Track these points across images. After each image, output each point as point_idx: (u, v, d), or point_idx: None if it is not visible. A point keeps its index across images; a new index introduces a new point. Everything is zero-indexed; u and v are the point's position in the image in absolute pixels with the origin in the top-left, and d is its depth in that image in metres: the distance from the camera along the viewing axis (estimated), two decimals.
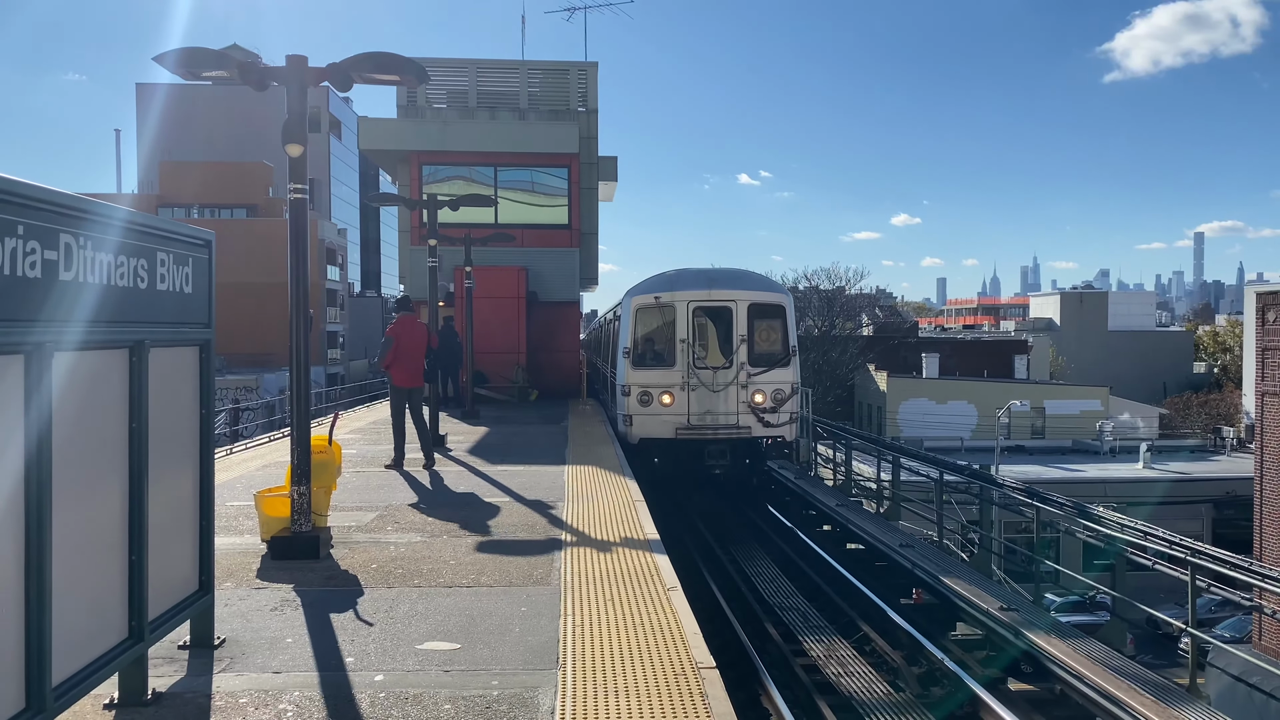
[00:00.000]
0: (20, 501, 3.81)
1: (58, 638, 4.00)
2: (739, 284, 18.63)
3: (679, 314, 17.97)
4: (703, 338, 18.20)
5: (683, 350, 17.89)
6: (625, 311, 18.56)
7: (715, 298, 18.15)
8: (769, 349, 18.26)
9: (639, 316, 18.29)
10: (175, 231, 5.22)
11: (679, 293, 18.12)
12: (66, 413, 4.11)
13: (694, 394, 17.85)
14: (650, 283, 19.00)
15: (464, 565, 8.01)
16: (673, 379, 17.86)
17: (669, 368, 17.93)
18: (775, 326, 18.34)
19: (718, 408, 17.88)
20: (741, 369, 17.93)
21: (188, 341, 5.48)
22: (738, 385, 17.92)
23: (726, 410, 17.92)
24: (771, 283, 19.79)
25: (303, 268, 8.27)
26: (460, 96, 28.77)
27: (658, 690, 5.24)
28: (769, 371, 18.06)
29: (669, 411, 17.85)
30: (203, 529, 5.76)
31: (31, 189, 3.79)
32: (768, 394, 18.02)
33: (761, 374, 18.00)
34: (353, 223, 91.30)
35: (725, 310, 18.10)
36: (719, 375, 17.91)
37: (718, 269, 19.96)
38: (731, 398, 17.92)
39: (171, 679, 5.41)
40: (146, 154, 75.73)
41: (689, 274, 19.03)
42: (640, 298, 18.39)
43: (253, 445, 17.01)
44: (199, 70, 8.20)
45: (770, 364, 18.10)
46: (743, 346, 17.97)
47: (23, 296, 3.76)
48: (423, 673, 5.53)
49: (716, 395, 17.88)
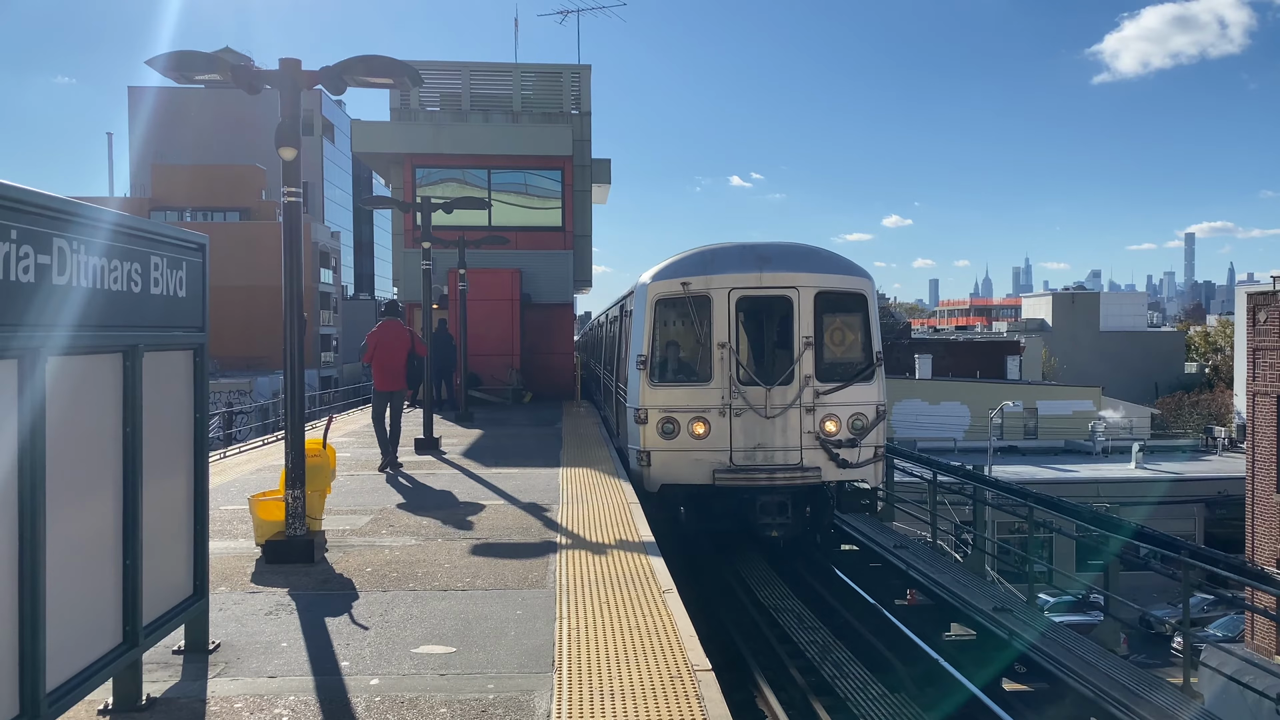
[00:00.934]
0: (13, 506, 3.80)
1: (51, 643, 3.98)
2: (802, 263, 13.39)
3: (718, 307, 12.97)
4: (752, 341, 13.44)
5: (723, 359, 12.88)
6: (640, 305, 13.49)
7: (769, 283, 13.07)
8: (845, 355, 13.34)
9: (660, 311, 13.27)
10: (168, 235, 5.21)
11: (718, 277, 13.08)
12: (60, 417, 4.10)
13: (739, 421, 12.83)
14: (677, 265, 13.64)
15: (459, 568, 8.00)
16: (708, 400, 12.89)
17: (703, 384, 12.94)
18: (853, 324, 13.35)
19: (773, 440, 12.84)
20: (806, 385, 12.89)
21: (181, 345, 5.47)
22: (801, 408, 12.86)
23: (786, 444, 12.86)
24: (845, 261, 13.88)
25: (296, 271, 8.26)
26: (453, 99, 28.75)
27: (654, 692, 5.24)
28: (846, 388, 13.00)
29: (703, 447, 12.85)
30: (197, 533, 5.75)
31: (24, 193, 3.79)
32: (843, 420, 12.95)
33: (835, 391, 12.96)
34: (346, 225, 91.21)
35: (783, 301, 13.09)
36: (774, 394, 12.83)
37: (771, 244, 13.73)
38: (792, 426, 12.87)
39: (166, 684, 5.39)
40: (138, 157, 75.57)
41: (730, 252, 13.57)
42: (662, 284, 13.31)
43: (246, 449, 16.97)
44: (191, 73, 8.18)
45: (847, 377, 13.09)
46: (808, 353, 12.89)
47: (15, 301, 3.75)
48: (418, 676, 5.52)
49: (771, 423, 12.82)
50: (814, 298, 13.04)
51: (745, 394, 12.80)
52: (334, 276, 76.19)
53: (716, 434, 12.84)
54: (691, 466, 12.86)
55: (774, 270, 13.13)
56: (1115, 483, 39.91)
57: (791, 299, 13.01)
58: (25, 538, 3.83)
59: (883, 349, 13.47)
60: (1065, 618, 21.62)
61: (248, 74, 8.18)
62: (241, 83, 8.14)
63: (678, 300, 13.19)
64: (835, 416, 12.95)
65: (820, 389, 12.93)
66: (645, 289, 13.42)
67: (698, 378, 13.09)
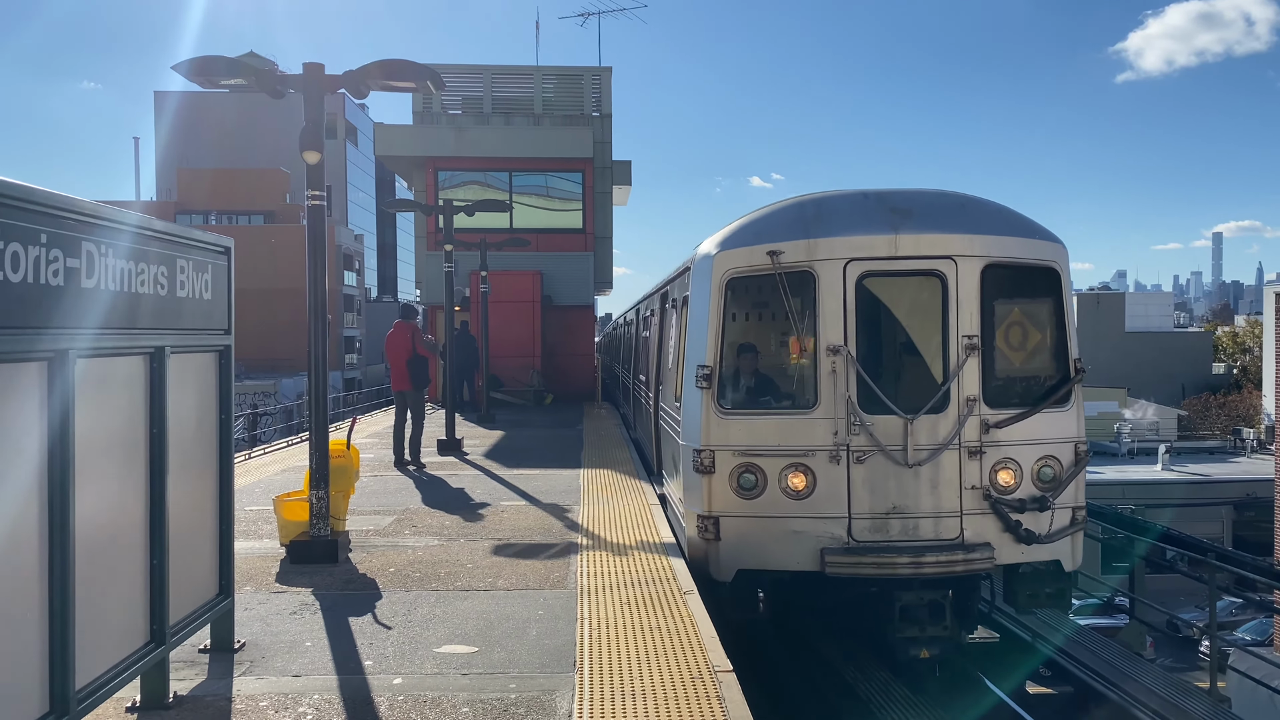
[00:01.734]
0: (43, 506, 3.86)
1: (80, 642, 4.04)
2: (959, 219, 8.57)
3: (828, 289, 8.27)
4: (883, 343, 8.73)
5: (837, 372, 8.21)
6: (701, 288, 8.77)
7: (909, 251, 8.32)
8: (1027, 366, 8.69)
9: (733, 297, 8.59)
10: (195, 239, 5.27)
11: (827, 241, 8.33)
12: (87, 418, 4.16)
13: (863, 471, 8.16)
14: (760, 224, 8.79)
15: (481, 568, 8.04)
16: (813, 437, 8.22)
17: (803, 412, 8.30)
18: (1040, 315, 8.70)
19: (917, 501, 8.16)
20: (970, 413, 8.22)
21: (207, 348, 5.54)
22: (962, 450, 8.21)
23: (938, 507, 8.18)
24: (1022, 219, 8.94)
25: (321, 273, 8.33)
26: (475, 102, 28.88)
27: (675, 693, 5.25)
28: (1030, 417, 8.32)
29: (804, 510, 8.20)
30: (223, 533, 5.82)
31: (55, 198, 3.85)
32: (1026, 467, 8.34)
33: (1014, 422, 8.28)
34: (369, 228, 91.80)
35: (932, 278, 8.37)
36: (920, 428, 8.16)
37: (906, 191, 8.87)
38: (947, 478, 8.20)
39: (192, 682, 5.45)
40: (163, 161, 76.36)
41: (844, 203, 8.70)
42: (737, 254, 8.53)
43: (271, 450, 17.11)
44: (217, 79, 8.27)
45: (1030, 399, 8.47)
46: (973, 362, 8.25)
47: (46, 304, 3.81)
48: (441, 676, 5.56)
49: (914, 474, 8.14)
50: (980, 274, 8.24)
51: (873, 428, 8.03)
52: (357, 279, 76.67)
53: (826, 491, 8.10)
54: (786, 543, 8.14)
55: (916, 229, 8.24)
56: (1141, 484, 39.52)
57: (945, 276, 8.21)
58: (55, 537, 3.89)
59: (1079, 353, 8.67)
60: (1090, 621, 21.46)
61: (272, 78, 8.26)
62: (266, 87, 8.22)
63: (761, 280, 8.43)
64: (1013, 462, 8.24)
65: (991, 418, 8.18)
66: (709, 263, 8.58)
67: (794, 402, 8.42)
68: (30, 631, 3.79)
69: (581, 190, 27.70)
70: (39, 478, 3.83)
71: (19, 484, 3.72)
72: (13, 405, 3.68)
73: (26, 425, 3.76)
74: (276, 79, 8.29)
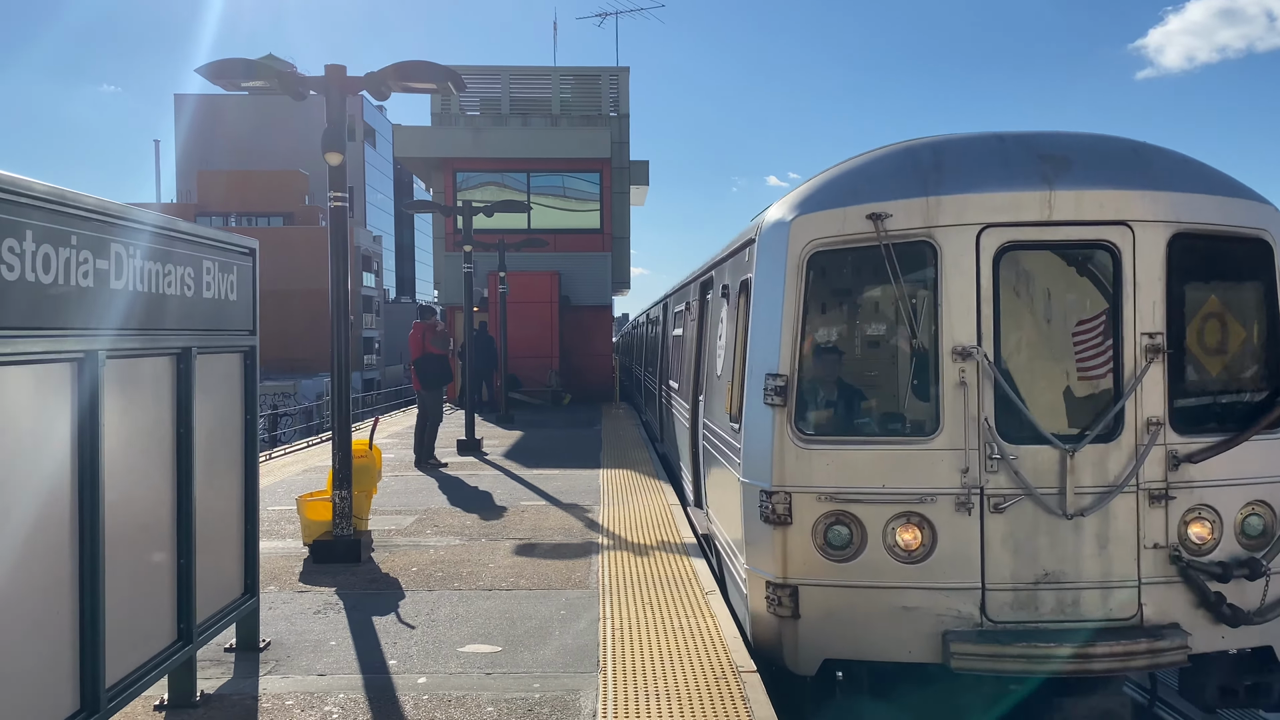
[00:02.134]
0: (74, 506, 3.89)
1: (110, 640, 4.07)
2: (1134, 171, 6.06)
3: (954, 267, 5.90)
4: (1026, 345, 6.16)
5: (965, 384, 5.83)
6: (770, 266, 6.27)
7: (1068, 214, 5.85)
8: (1233, 372, 6.26)
9: (818, 278, 6.16)
10: (220, 240, 5.31)
11: (953, 199, 5.90)
12: (115, 418, 4.19)
13: (1002, 523, 5.78)
14: (853, 177, 6.24)
15: (503, 568, 8.05)
16: (930, 474, 5.83)
17: (918, 439, 5.92)
18: (1247, 301, 6.24)
19: (1078, 566, 5.76)
20: (1151, 440, 5.81)
21: (232, 348, 5.57)
22: (1142, 495, 5.82)
23: (1106, 573, 5.78)
24: (1216, 174, 6.26)
25: (343, 274, 8.37)
26: (493, 103, 28.98)
27: (698, 693, 5.24)
28: (1234, 444, 5.87)
29: (919, 578, 5.80)
30: (248, 533, 5.86)
31: (85, 200, 3.88)
32: (1229, 516, 5.94)
33: (1214, 452, 5.85)
34: (387, 229, 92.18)
35: (1098, 251, 5.99)
36: (1082, 464, 5.79)
37: (1054, 133, 6.28)
38: (1121, 533, 5.80)
39: (219, 681, 5.49)
40: (182, 163, 76.91)
41: (974, 146, 6.20)
42: (820, 218, 6.06)
43: (292, 450, 17.20)
44: (239, 81, 8.33)
45: (1236, 418, 6.08)
46: (1155, 367, 5.85)
47: (77, 305, 3.84)
48: (465, 675, 5.57)
49: (1075, 528, 5.76)
50: (1166, 246, 5.92)
51: (1018, 463, 5.76)
52: (376, 280, 77.00)
53: (951, 551, 5.79)
54: (893, 624, 5.81)
55: (1078, 184, 5.90)
56: None
57: (1118, 250, 5.90)
58: (85, 537, 3.92)
59: None
60: None
61: (294, 80, 8.31)
62: (288, 89, 8.27)
63: (858, 254, 6.08)
64: (1210, 510, 5.91)
65: (1181, 449, 5.86)
66: (782, 232, 6.16)
67: (905, 426, 6.14)
68: (62, 630, 3.83)
69: (599, 190, 27.74)
70: (70, 478, 3.87)
71: (50, 484, 3.76)
72: (44, 405, 3.72)
73: (57, 425, 3.80)
74: (299, 81, 8.33)
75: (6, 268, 3.39)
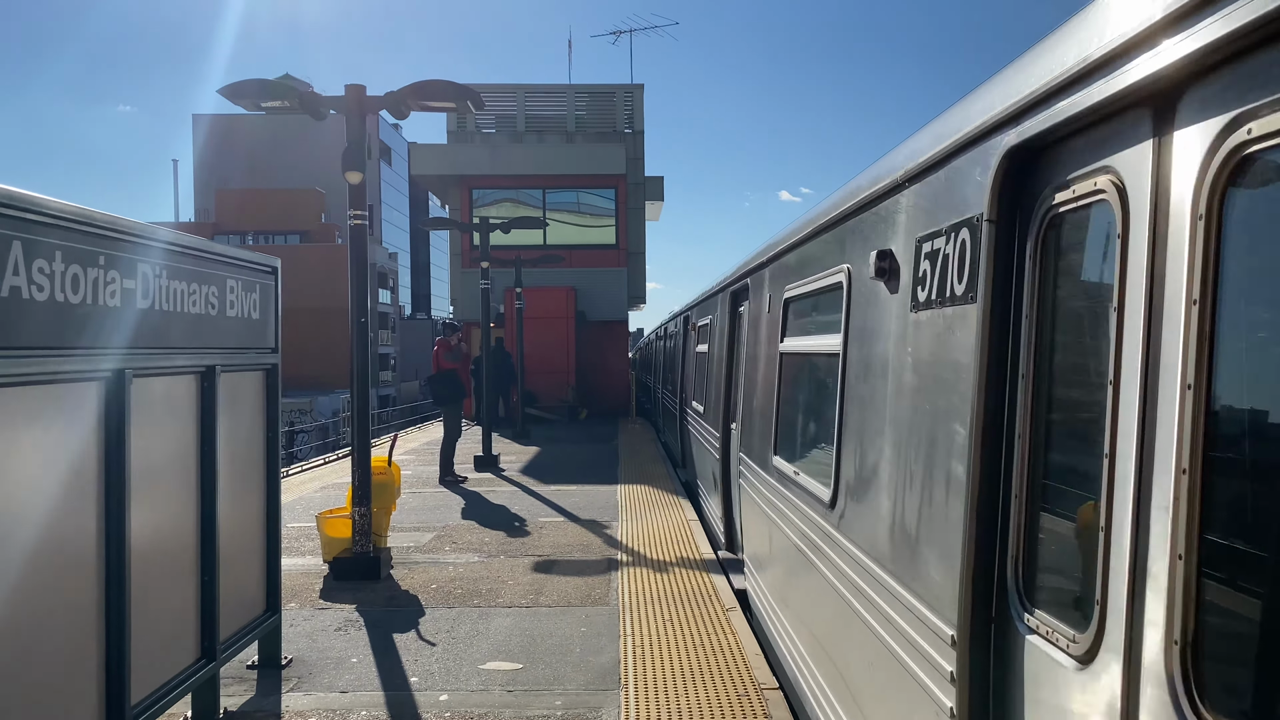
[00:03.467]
0: (100, 524, 3.91)
1: (135, 659, 4.09)
2: None
3: None
4: None
5: None
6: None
7: None
8: None
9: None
10: (244, 259, 5.34)
11: None
12: (141, 437, 4.22)
13: None
14: None
15: (522, 585, 8.04)
16: None
17: None
18: None
19: None
20: None
21: (255, 366, 5.60)
22: None
23: None
24: None
25: (363, 292, 8.41)
26: (509, 121, 29.13)
27: (720, 711, 5.22)
28: None
29: None
30: (269, 550, 5.87)
31: (113, 221, 3.92)
32: None
33: None
34: (403, 246, 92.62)
35: None
36: None
37: None
38: None
39: (242, 698, 5.49)
40: (201, 182, 77.56)
41: None
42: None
43: (309, 467, 17.25)
44: (260, 100, 8.40)
45: None
46: None
47: (104, 324, 3.88)
48: (486, 693, 5.56)
49: None
50: None
51: None
52: (392, 297, 77.32)
53: None
54: None
55: None
56: None
57: None
58: (111, 555, 3.94)
59: None
60: None
61: (314, 100, 8.38)
62: (309, 109, 8.33)
63: None
64: None
65: None
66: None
67: None
68: (88, 650, 3.84)
69: (614, 206, 27.81)
70: (96, 496, 3.89)
71: (77, 502, 3.78)
72: (73, 424, 3.75)
73: (84, 444, 3.83)
74: (319, 101, 8.40)
75: (36, 288, 3.42)
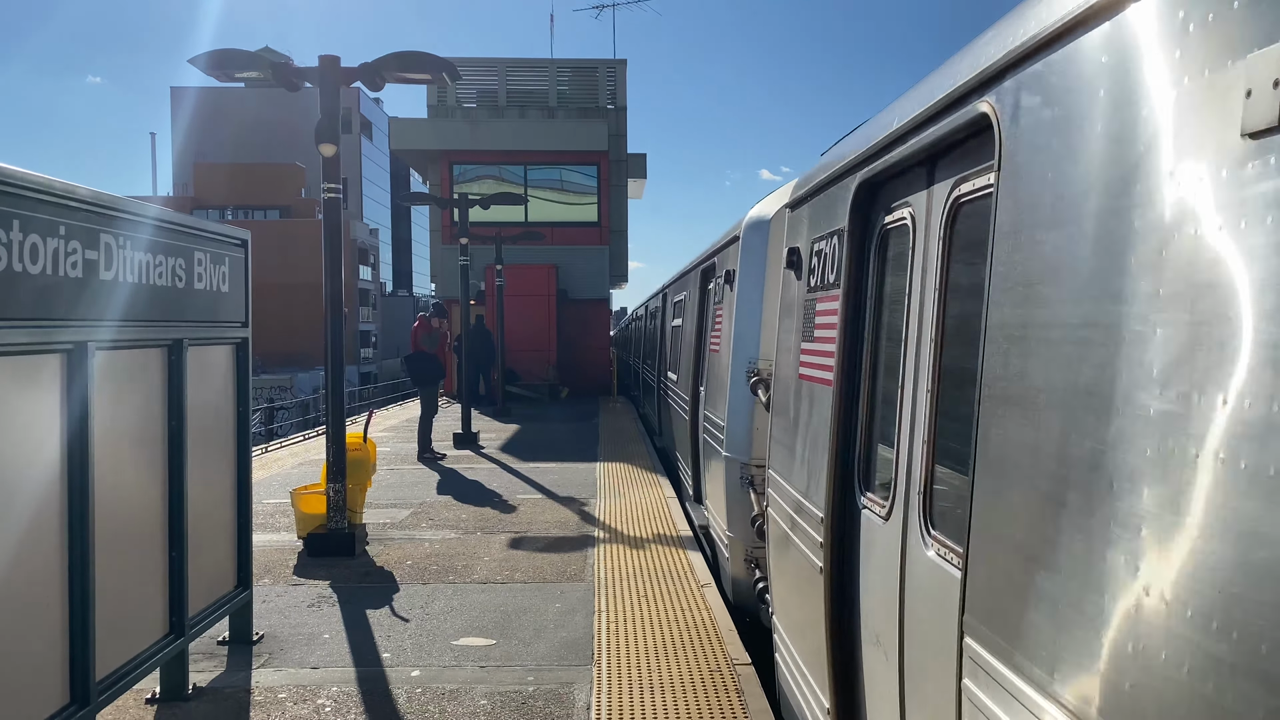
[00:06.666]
0: (63, 499, 3.86)
1: (100, 633, 4.05)
2: None
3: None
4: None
5: None
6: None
7: None
8: None
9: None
10: (211, 231, 5.27)
11: None
12: (106, 410, 4.16)
13: None
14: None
15: (498, 561, 8.03)
16: None
17: None
18: None
19: None
20: None
21: (224, 340, 5.54)
22: None
23: None
24: None
25: (337, 267, 8.33)
26: (490, 95, 28.88)
27: (693, 687, 5.23)
28: None
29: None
30: (241, 526, 5.82)
31: (73, 190, 3.84)
32: None
33: None
34: (384, 223, 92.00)
35: None
36: None
37: None
38: None
39: (211, 674, 5.46)
40: (180, 156, 76.73)
41: None
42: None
43: (287, 444, 17.16)
44: (233, 71, 8.28)
45: None
46: None
47: (64, 296, 3.81)
48: (459, 668, 5.55)
49: None
50: None
51: None
52: (373, 273, 76.88)
53: None
54: None
55: None
56: None
57: None
58: (74, 529, 3.89)
59: None
60: None
61: (288, 71, 8.26)
62: (282, 80, 8.22)
63: None
64: None
65: None
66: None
67: None
68: (52, 624, 3.80)
69: (596, 183, 27.66)
70: (59, 470, 3.84)
71: (39, 476, 3.73)
72: (33, 397, 3.69)
73: (46, 417, 3.77)
74: (293, 72, 8.28)
75: None
